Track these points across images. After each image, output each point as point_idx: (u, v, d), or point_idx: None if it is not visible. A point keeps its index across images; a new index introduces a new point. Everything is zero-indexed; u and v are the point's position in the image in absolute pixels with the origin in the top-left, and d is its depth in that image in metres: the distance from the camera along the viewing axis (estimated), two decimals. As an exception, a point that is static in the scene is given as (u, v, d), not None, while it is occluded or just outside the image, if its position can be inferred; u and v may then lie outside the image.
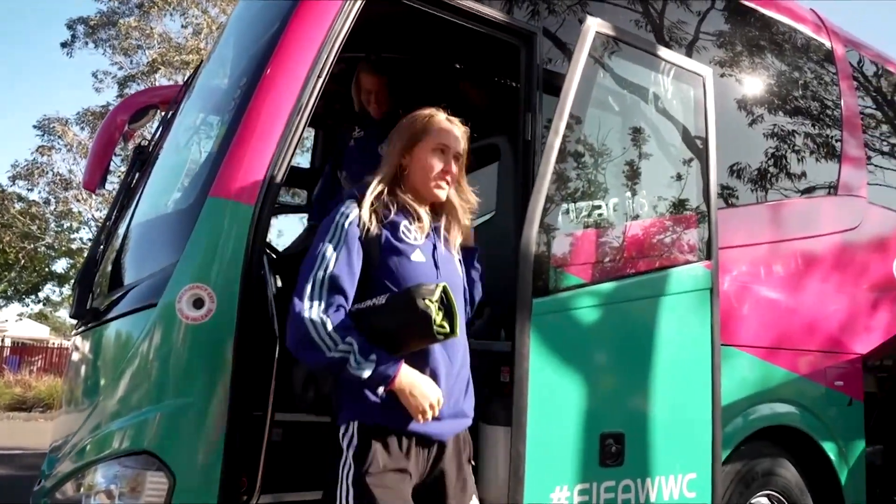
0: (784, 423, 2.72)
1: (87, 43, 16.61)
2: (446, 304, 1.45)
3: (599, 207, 2.25)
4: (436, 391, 1.48)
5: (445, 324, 1.44)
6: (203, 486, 1.54)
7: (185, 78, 3.05)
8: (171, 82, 16.43)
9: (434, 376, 1.51)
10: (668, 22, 2.78)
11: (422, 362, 1.51)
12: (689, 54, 2.75)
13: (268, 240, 2.04)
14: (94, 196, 16.09)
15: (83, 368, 2.02)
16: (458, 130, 1.67)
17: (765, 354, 2.73)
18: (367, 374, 1.40)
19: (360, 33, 2.05)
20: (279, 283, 2.08)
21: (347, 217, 1.52)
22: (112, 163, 4.16)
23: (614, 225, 2.26)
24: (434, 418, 1.48)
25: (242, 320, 1.63)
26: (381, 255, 1.53)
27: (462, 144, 1.67)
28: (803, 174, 3.12)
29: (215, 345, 1.60)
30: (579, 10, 2.47)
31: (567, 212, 2.15)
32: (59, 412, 2.39)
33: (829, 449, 2.84)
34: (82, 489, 1.66)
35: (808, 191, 3.14)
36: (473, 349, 1.79)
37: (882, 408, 3.15)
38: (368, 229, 1.52)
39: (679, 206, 2.40)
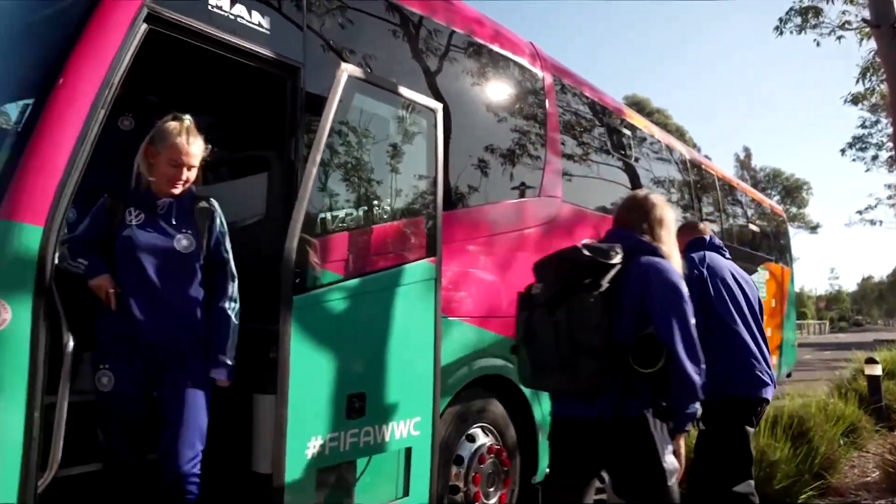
0: (492, 372, 3.60)
1: None
2: None
3: (349, 217, 2.82)
4: None
5: None
6: (6, 468, 1.82)
7: None
8: None
9: None
10: (413, 64, 3.37)
11: None
12: (430, 89, 3.39)
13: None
14: None
15: None
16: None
17: (480, 322, 3.58)
18: None
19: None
20: None
21: None
22: None
23: (360, 231, 2.84)
24: None
25: (36, 326, 1.89)
26: None
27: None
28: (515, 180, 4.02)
29: (11, 349, 1.84)
30: (338, 47, 2.95)
31: (323, 221, 2.67)
32: None
33: (525, 390, 3.80)
34: None
35: (520, 194, 4.05)
36: (250, 328, 2.34)
37: None
38: None
39: (414, 213, 3.07)
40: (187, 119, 2.41)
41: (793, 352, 9.78)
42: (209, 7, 2.42)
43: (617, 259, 2.21)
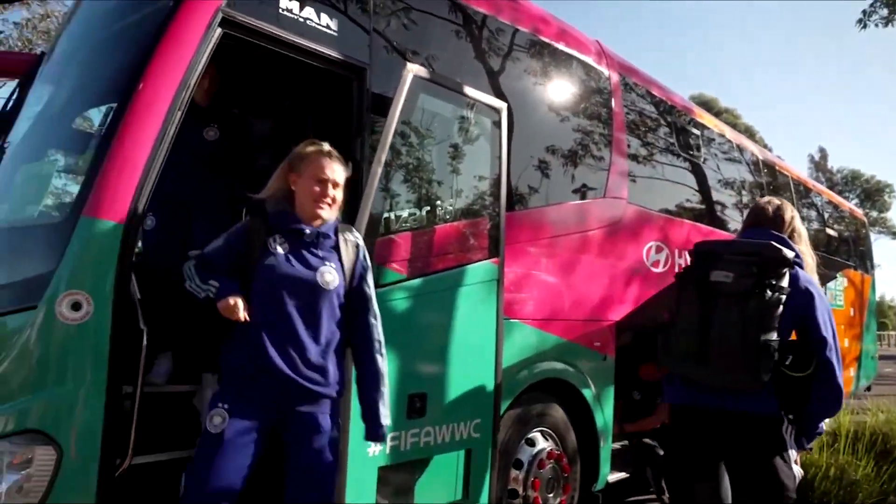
0: (553, 376, 3.55)
1: None
2: None
3: (413, 217, 2.82)
4: None
5: None
6: (86, 455, 1.90)
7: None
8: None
9: None
10: (478, 63, 3.36)
11: None
12: (495, 88, 3.36)
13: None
14: None
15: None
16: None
17: (541, 325, 3.53)
18: None
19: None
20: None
21: None
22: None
23: (424, 231, 2.84)
24: None
25: (115, 319, 1.97)
26: None
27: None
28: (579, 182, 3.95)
29: (93, 340, 1.93)
30: (404, 47, 2.96)
31: (387, 221, 2.69)
32: None
33: (588, 395, 3.73)
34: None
35: (585, 195, 3.97)
36: None
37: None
38: None
39: (477, 214, 3.05)
40: (325, 144, 2.27)
41: (872, 364, 9.26)
42: (280, 10, 2.47)
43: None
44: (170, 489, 2.36)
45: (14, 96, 2.89)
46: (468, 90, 2.95)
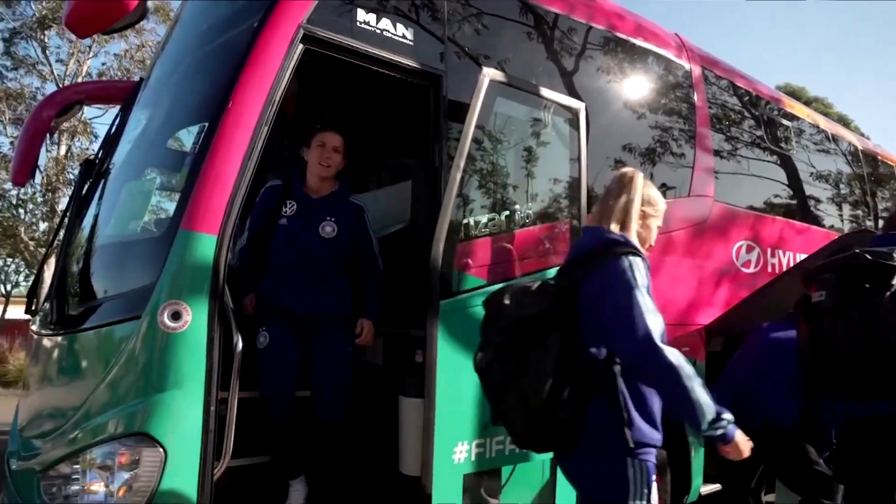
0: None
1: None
2: None
3: (493, 221, 2.80)
4: None
5: None
6: (188, 456, 2.00)
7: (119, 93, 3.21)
8: (66, 41, 15.47)
9: None
10: (553, 64, 3.31)
11: None
12: (572, 88, 3.30)
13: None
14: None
15: (64, 367, 2.37)
16: None
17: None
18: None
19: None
20: None
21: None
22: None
23: (505, 236, 2.82)
24: None
25: (212, 328, 2.06)
26: None
27: None
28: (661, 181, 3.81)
29: (192, 348, 2.03)
30: (478, 52, 2.96)
31: (467, 227, 2.68)
32: (29, 401, 2.70)
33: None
34: (78, 466, 2.06)
35: (668, 194, 3.83)
36: (393, 334, 2.38)
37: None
38: None
39: (557, 216, 2.99)
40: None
41: None
42: (358, 24, 2.52)
43: None
44: (261, 491, 2.45)
45: (117, 121, 3.09)
46: (545, 91, 2.91)
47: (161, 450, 1.95)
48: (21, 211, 15.45)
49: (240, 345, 2.16)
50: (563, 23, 3.39)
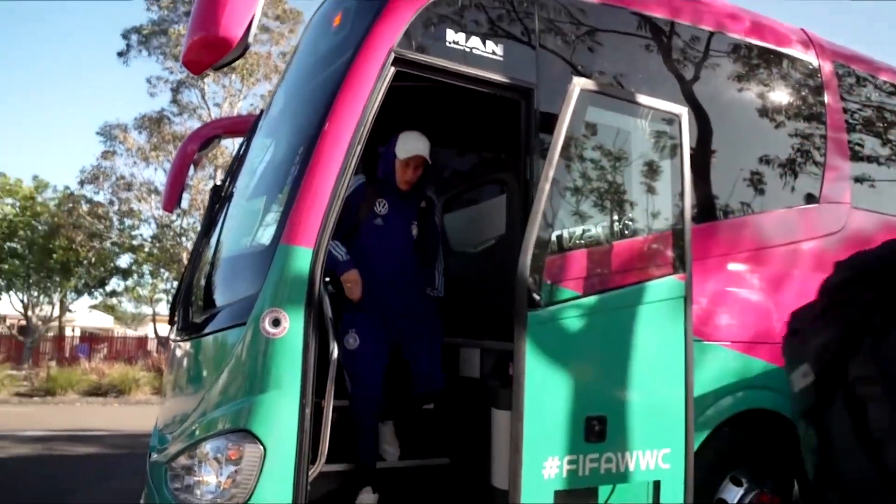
0: (761, 406, 3.14)
1: (140, 51, 17.64)
2: None
3: (588, 232, 2.74)
4: None
5: None
6: (285, 455, 2.14)
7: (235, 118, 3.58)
8: (220, 87, 17.28)
9: None
10: (655, 70, 3.20)
11: None
12: (677, 94, 3.16)
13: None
14: (151, 195, 17.24)
15: (189, 369, 2.65)
16: None
17: (745, 348, 3.16)
18: None
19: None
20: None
21: None
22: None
23: (600, 246, 2.75)
24: None
25: (308, 334, 2.20)
26: None
27: None
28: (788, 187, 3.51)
29: (290, 352, 2.19)
30: (572, 63, 2.93)
31: (559, 238, 2.65)
32: (166, 401, 3.04)
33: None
34: (195, 458, 2.28)
35: (792, 202, 3.52)
36: (489, 348, 2.42)
37: None
38: None
39: (658, 227, 2.86)
40: None
41: None
42: (448, 43, 2.61)
43: None
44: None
45: (241, 151, 3.42)
46: (641, 98, 2.81)
47: (261, 447, 2.11)
48: (183, 239, 17.41)
49: (335, 352, 2.29)
50: (665, 27, 3.27)
